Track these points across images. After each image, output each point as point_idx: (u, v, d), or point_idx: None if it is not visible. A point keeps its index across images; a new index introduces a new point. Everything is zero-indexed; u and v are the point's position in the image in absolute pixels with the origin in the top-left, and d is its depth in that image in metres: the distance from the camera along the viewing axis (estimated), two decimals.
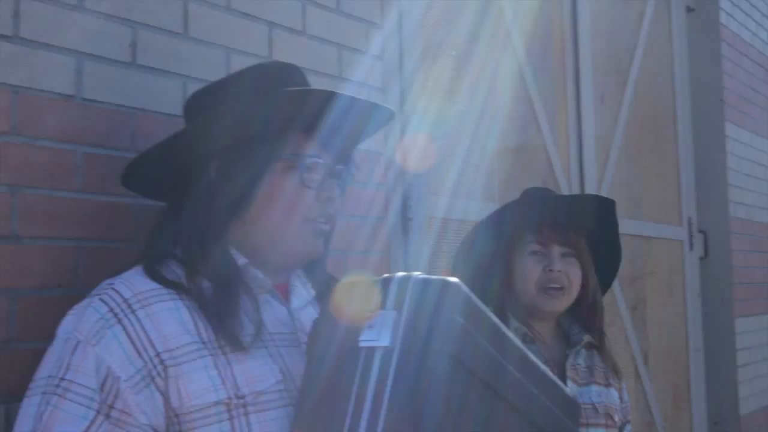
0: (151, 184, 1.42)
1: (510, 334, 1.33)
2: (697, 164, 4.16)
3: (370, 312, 1.20)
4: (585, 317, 2.04)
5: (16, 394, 1.32)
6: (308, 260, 1.41)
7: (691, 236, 4.05)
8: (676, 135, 4.05)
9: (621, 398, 2.06)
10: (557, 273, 1.96)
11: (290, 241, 1.35)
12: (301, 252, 1.37)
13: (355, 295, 1.21)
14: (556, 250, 1.99)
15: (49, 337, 1.27)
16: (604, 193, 3.37)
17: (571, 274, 1.98)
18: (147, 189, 1.45)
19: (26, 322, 1.38)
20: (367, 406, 1.15)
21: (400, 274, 1.23)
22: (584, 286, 2.02)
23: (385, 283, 1.22)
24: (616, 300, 3.47)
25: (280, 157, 1.33)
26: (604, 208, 2.09)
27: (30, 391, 1.22)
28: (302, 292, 1.43)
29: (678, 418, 3.94)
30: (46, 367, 1.22)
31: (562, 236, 1.99)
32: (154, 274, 1.28)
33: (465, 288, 1.21)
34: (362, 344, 1.18)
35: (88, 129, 1.48)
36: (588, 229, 2.05)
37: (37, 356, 1.27)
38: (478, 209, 2.56)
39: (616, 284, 3.45)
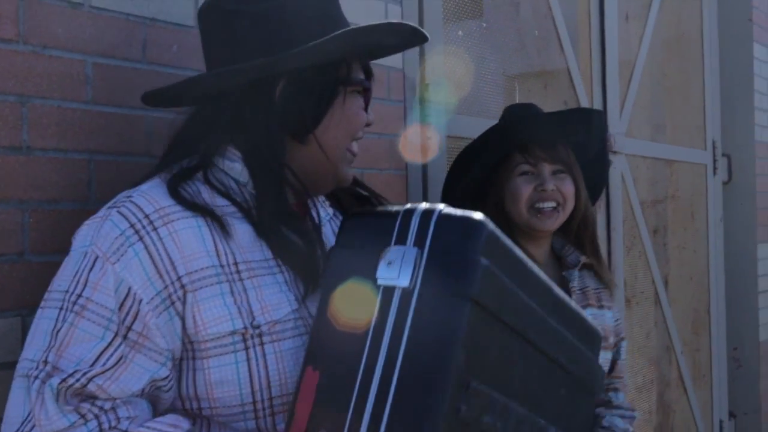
0: (183, 97, 1.36)
1: (536, 270, 1.28)
2: (722, 86, 4.06)
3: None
4: (576, 231, 2.00)
5: (32, 306, 1.32)
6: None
7: (714, 160, 3.99)
8: (702, 56, 3.95)
9: (614, 318, 2.02)
10: (550, 192, 1.91)
11: (336, 164, 1.34)
12: (340, 177, 1.36)
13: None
14: (547, 168, 1.93)
15: (63, 251, 1.25)
16: (626, 116, 3.30)
17: (564, 190, 1.93)
18: (174, 100, 1.38)
19: (40, 235, 1.36)
20: (384, 347, 1.11)
21: (423, 206, 1.17)
22: (576, 200, 1.96)
23: (407, 216, 1.16)
24: (637, 223, 3.43)
25: (352, 81, 1.33)
26: (590, 119, 2.01)
27: (45, 303, 1.18)
28: (319, 212, 1.41)
29: (697, 342, 3.93)
30: (62, 280, 1.18)
31: (551, 154, 1.93)
32: (177, 195, 1.22)
33: (491, 225, 1.15)
34: (380, 282, 1.13)
35: (98, 38, 1.44)
36: (576, 143, 1.98)
37: (51, 269, 1.25)
38: None
39: (637, 207, 3.40)
